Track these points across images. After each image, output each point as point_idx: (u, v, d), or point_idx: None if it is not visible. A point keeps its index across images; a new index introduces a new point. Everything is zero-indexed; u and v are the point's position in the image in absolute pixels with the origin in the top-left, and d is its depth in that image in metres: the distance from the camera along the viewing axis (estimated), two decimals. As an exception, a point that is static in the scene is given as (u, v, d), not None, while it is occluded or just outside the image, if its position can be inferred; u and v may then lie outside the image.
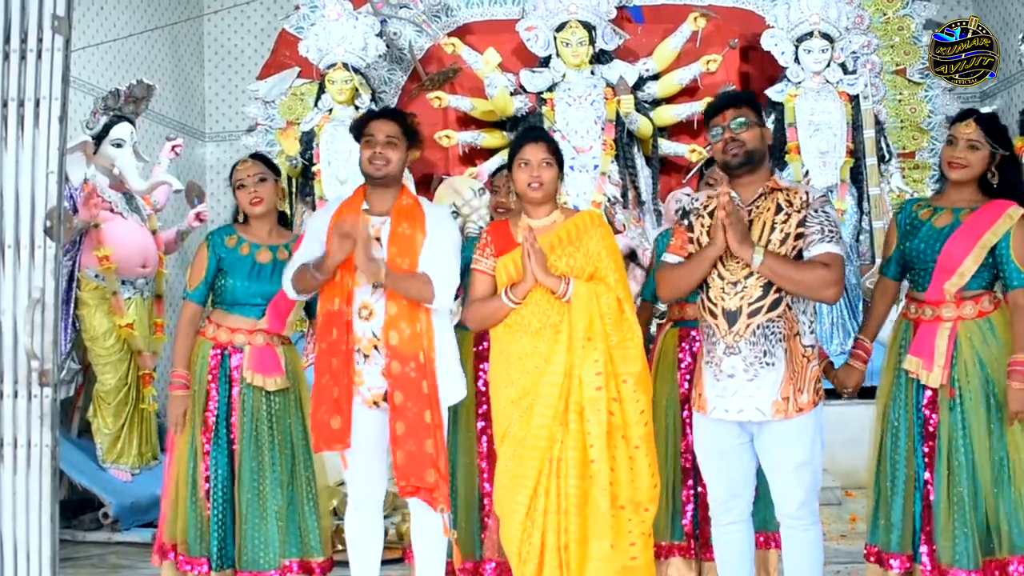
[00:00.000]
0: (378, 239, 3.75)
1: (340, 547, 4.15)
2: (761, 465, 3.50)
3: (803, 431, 3.37)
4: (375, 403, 3.73)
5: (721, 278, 3.42)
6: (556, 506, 3.45)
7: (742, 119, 3.41)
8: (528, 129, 4.03)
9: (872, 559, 3.82)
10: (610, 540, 3.43)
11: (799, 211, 3.39)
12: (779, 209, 3.41)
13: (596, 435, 3.43)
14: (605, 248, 3.58)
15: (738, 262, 3.38)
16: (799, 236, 3.37)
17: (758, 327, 3.35)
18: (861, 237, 7.11)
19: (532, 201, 3.64)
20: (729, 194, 3.39)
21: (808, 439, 3.38)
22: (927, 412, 3.70)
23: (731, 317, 3.39)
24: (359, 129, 3.85)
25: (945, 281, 3.66)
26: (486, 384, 4.03)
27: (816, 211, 3.37)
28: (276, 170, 4.26)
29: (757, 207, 3.45)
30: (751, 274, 3.37)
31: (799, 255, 3.37)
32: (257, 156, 4.28)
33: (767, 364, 3.34)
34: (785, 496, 3.44)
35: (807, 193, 3.43)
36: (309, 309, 4.21)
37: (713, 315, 3.44)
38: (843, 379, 3.83)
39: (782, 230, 3.39)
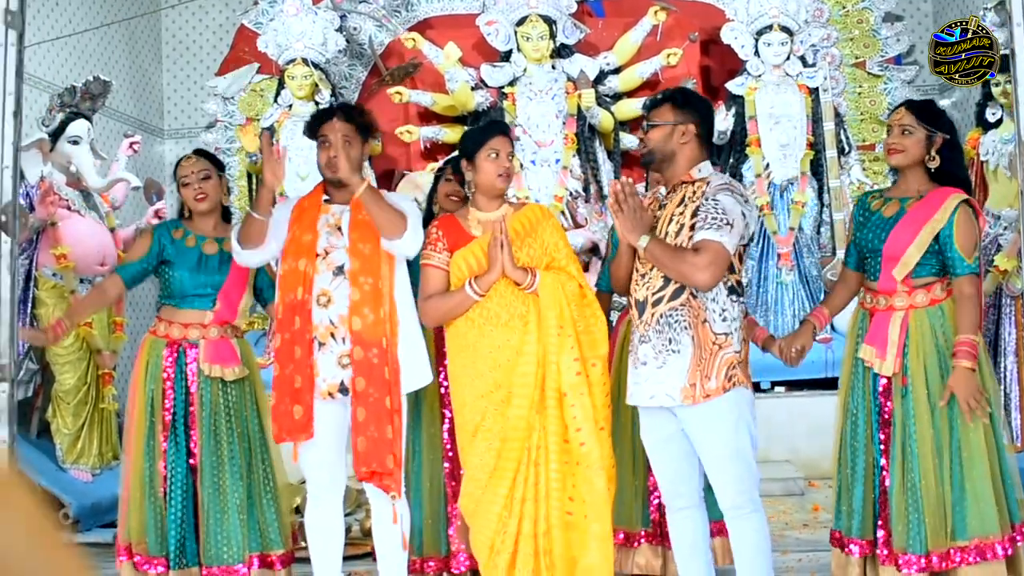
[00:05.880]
0: (339, 227, 3.75)
1: (303, 544, 4.12)
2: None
3: (718, 418, 3.38)
4: (330, 394, 3.70)
5: (636, 271, 3.51)
6: (534, 493, 3.50)
7: (652, 122, 3.53)
8: (492, 122, 4.06)
9: (836, 544, 3.88)
10: (610, 520, 3.51)
11: (694, 201, 3.43)
12: (683, 200, 3.47)
13: (582, 418, 3.49)
14: (560, 239, 3.68)
15: None
16: (693, 226, 3.41)
17: (662, 316, 3.40)
18: (821, 229, 7.16)
19: (499, 192, 3.68)
20: (619, 182, 3.46)
21: (727, 426, 3.38)
22: (882, 400, 3.74)
23: (640, 307, 3.47)
24: (313, 129, 3.82)
25: (892, 269, 3.70)
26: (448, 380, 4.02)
27: (707, 199, 3.39)
28: (220, 165, 4.25)
29: (669, 199, 3.52)
30: (654, 266, 3.42)
31: None
32: (200, 152, 4.27)
33: (673, 351, 3.38)
34: (720, 486, 3.47)
35: (708, 184, 3.46)
36: (260, 296, 4.23)
37: (631, 305, 3.55)
38: (790, 342, 3.84)
39: (678, 221, 3.43)
